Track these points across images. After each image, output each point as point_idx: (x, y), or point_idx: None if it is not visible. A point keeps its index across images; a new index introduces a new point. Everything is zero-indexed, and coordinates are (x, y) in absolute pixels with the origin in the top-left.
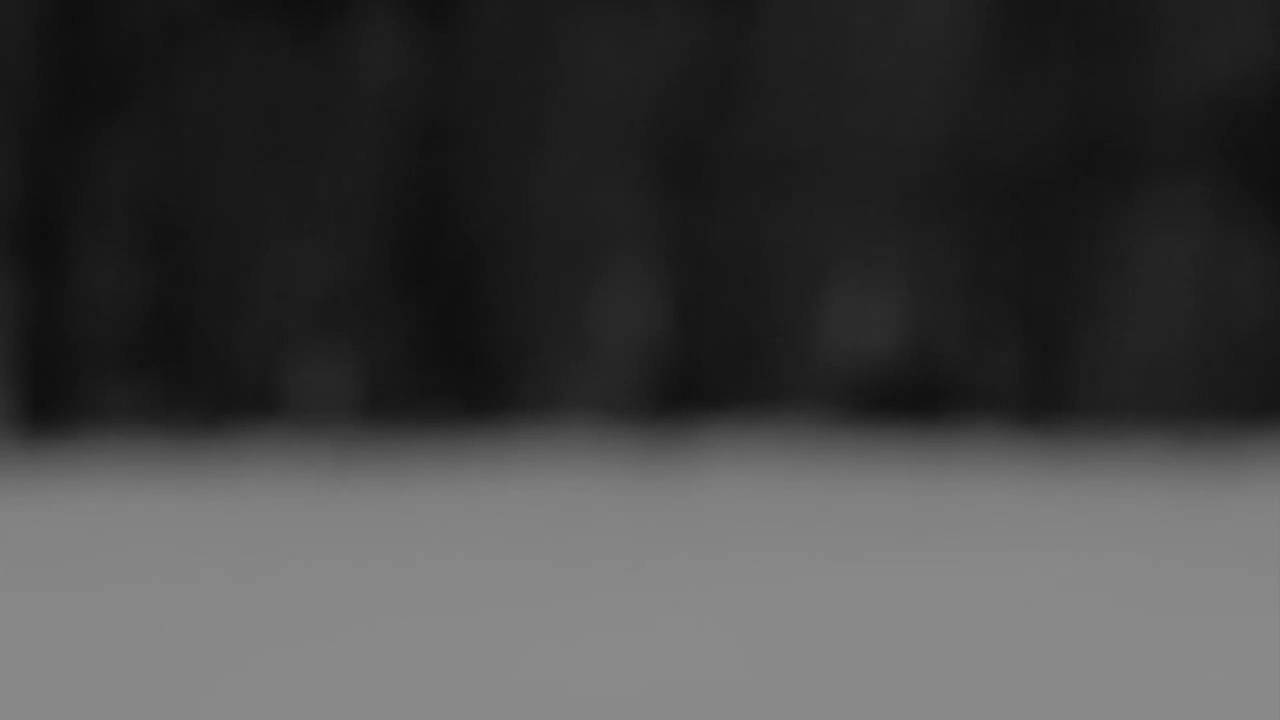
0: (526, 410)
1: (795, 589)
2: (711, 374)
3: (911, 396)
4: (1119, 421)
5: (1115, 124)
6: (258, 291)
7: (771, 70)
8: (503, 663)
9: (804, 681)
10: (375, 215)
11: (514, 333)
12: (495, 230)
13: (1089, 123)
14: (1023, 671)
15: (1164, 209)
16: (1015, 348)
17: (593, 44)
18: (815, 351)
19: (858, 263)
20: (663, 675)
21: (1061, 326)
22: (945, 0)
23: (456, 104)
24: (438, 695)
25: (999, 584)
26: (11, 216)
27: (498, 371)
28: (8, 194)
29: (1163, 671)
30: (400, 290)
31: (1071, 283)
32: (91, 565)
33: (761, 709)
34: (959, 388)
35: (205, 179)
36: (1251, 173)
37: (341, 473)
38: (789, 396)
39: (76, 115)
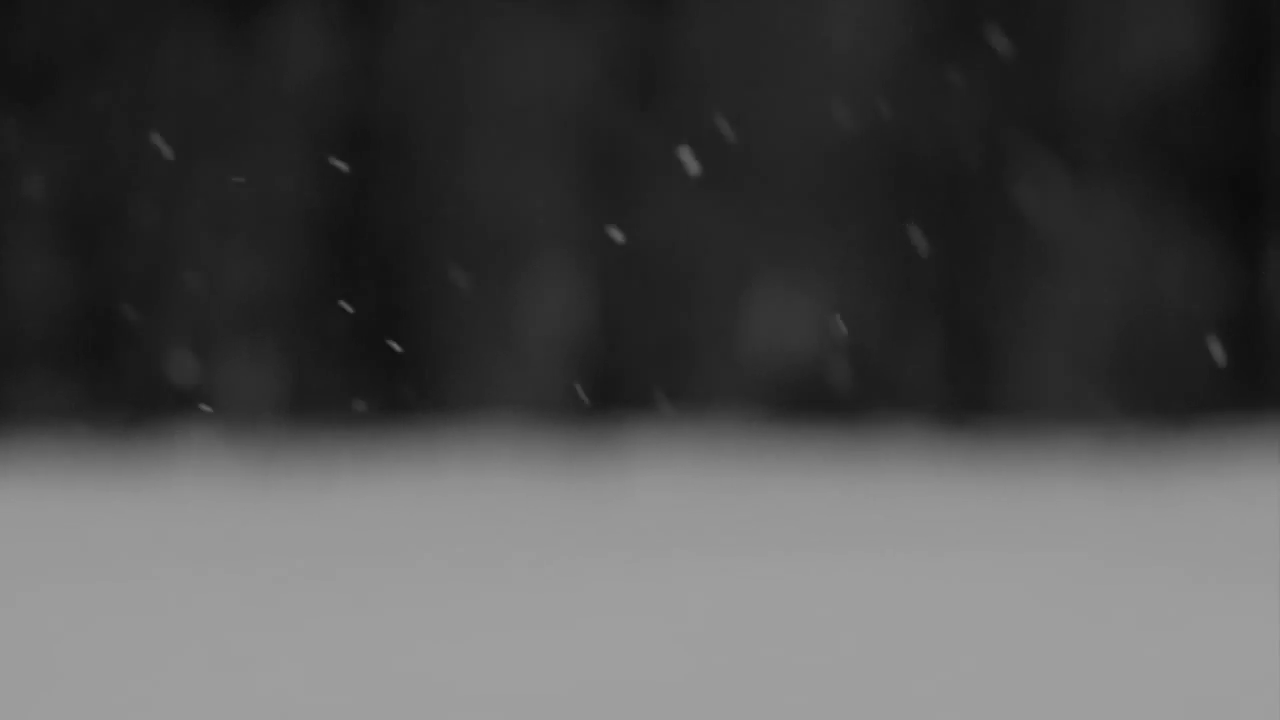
0: (452, 410)
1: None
2: (637, 373)
3: (834, 396)
4: (1041, 422)
5: (1039, 121)
6: (183, 291)
7: (694, 69)
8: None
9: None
10: (299, 215)
11: (439, 333)
12: (420, 230)
13: (1012, 120)
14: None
15: (1088, 207)
16: (937, 348)
17: (517, 43)
18: (740, 351)
19: (781, 262)
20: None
21: (984, 327)
22: (870, 1)
23: (381, 103)
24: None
25: (918, 581)
26: None
27: (423, 371)
28: None
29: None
30: (325, 290)
31: (994, 282)
32: (13, 562)
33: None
34: (881, 387)
35: (130, 177)
36: (1176, 171)
37: (266, 471)
38: (714, 396)
39: None
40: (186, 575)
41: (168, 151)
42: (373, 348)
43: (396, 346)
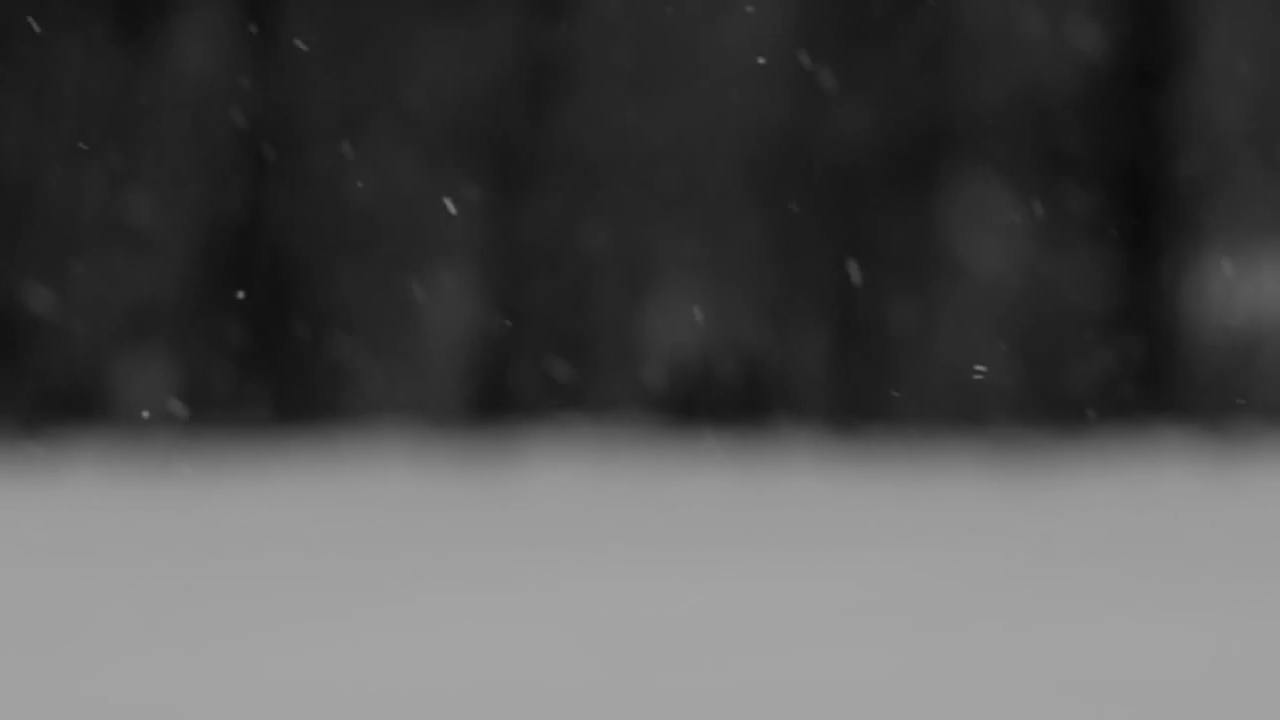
0: (346, 416)
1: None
2: (533, 377)
3: (728, 399)
4: (936, 425)
5: (933, 121)
6: (78, 296)
7: (591, 71)
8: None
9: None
10: (193, 218)
11: (335, 337)
12: (315, 233)
13: (905, 122)
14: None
15: (982, 209)
16: (831, 351)
17: (413, 45)
18: (636, 354)
19: (678, 264)
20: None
21: (877, 329)
22: (763, 1)
23: (275, 105)
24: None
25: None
26: None
27: (317, 377)
28: None
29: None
30: (218, 294)
31: (888, 285)
32: None
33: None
34: (775, 391)
35: (23, 181)
36: (1072, 172)
37: (160, 477)
38: (610, 399)
39: None
40: (77, 577)
41: (61, 155)
42: (268, 353)
43: (291, 351)
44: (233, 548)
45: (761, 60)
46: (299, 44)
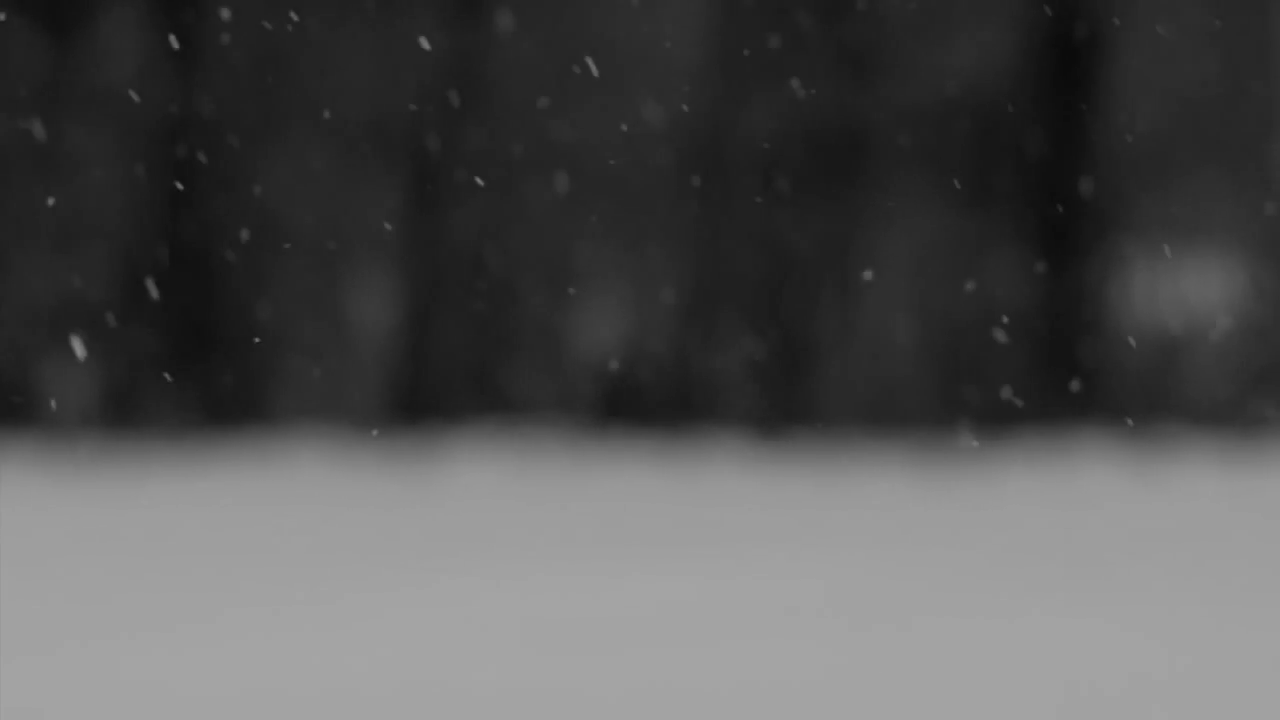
0: (271, 418)
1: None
2: (457, 381)
3: (651, 403)
4: (857, 427)
5: (853, 126)
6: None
7: (514, 77)
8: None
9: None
10: (117, 221)
11: (258, 342)
12: (238, 238)
13: (827, 126)
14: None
15: (902, 212)
16: (750, 354)
17: (337, 51)
18: (559, 358)
19: (601, 270)
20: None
21: (798, 334)
22: (684, 7)
23: (198, 109)
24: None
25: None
26: None
27: (240, 381)
28: None
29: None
30: (141, 299)
31: (809, 289)
32: None
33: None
34: (697, 394)
35: None
36: (992, 178)
37: (81, 479)
38: (533, 402)
39: None
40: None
41: None
42: (192, 355)
43: (216, 353)
44: (153, 547)
45: (681, 63)
46: (220, 48)
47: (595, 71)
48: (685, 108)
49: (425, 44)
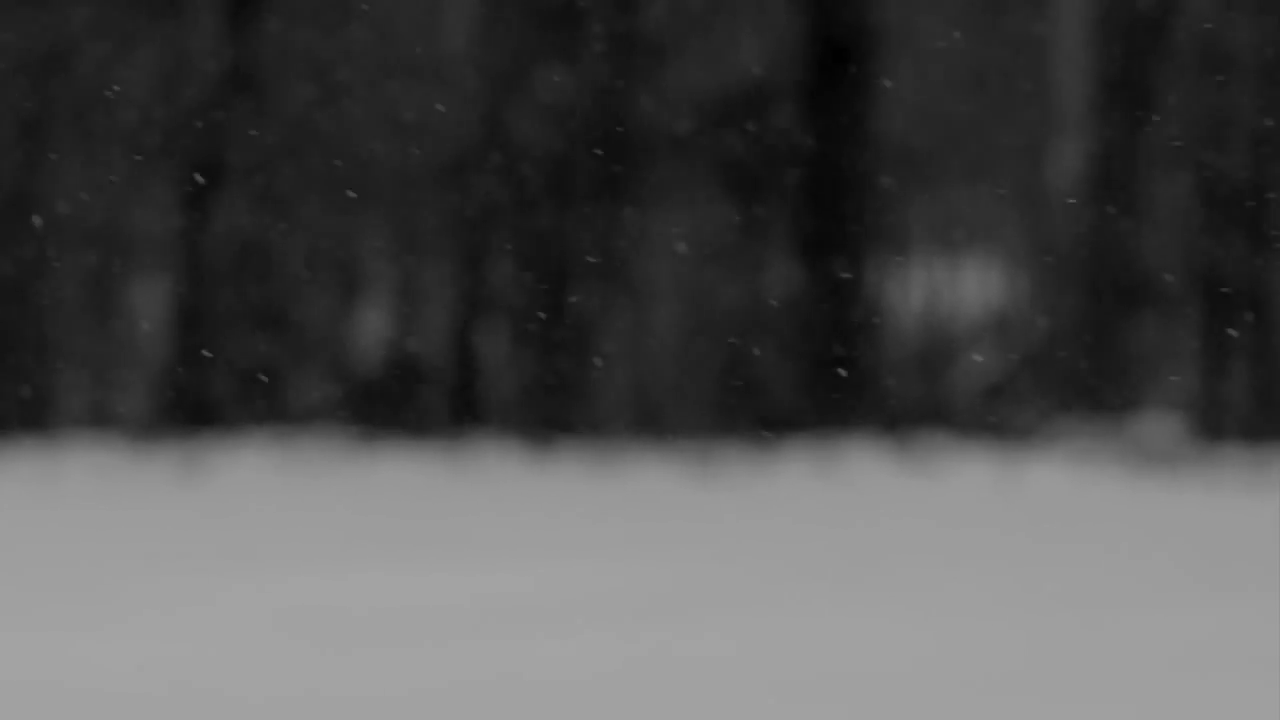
0: (42, 427)
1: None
2: (231, 387)
3: (421, 409)
4: (628, 435)
5: (619, 133)
6: None
7: (294, 72)
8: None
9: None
10: None
11: (29, 350)
12: (10, 245)
13: (590, 131)
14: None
15: (673, 218)
16: (522, 362)
17: (108, 44)
18: (328, 365)
19: (369, 276)
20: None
21: (570, 342)
22: (463, 7)
23: None
24: None
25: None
26: None
27: (11, 389)
28: None
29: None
30: None
31: (584, 298)
32: None
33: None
34: (466, 401)
35: None
36: (763, 182)
37: None
38: (308, 413)
39: None
40: None
41: None
42: None
43: None
44: None
45: (453, 60)
46: None
47: (366, 70)
48: (457, 106)
49: (199, 40)
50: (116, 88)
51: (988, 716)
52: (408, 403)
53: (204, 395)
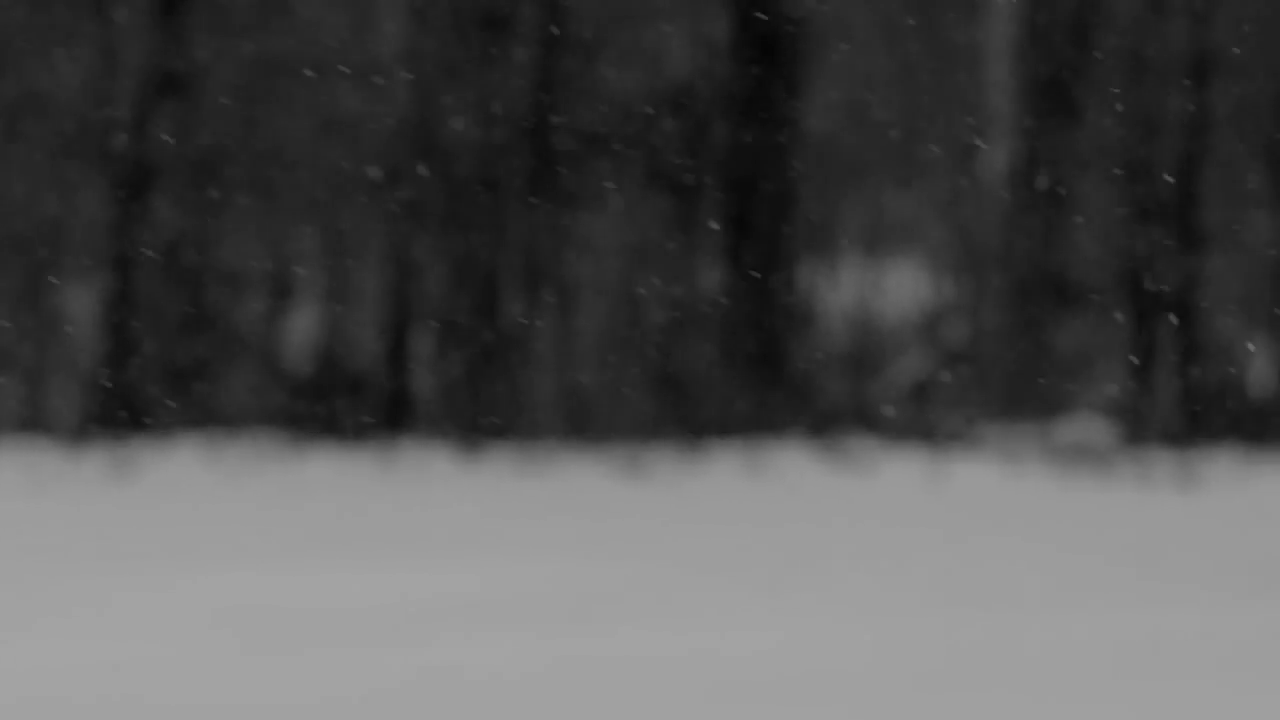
0: None
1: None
2: (159, 388)
3: (354, 413)
4: (560, 439)
5: (549, 138)
6: None
7: (222, 73)
8: None
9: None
10: None
11: None
12: None
13: (520, 139)
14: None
15: (608, 223)
16: (455, 366)
17: (45, 52)
18: (260, 371)
19: (301, 280)
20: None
21: (505, 347)
22: (386, 7)
23: None
24: None
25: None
26: None
27: None
28: None
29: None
30: None
31: (515, 302)
32: None
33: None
34: (400, 405)
35: None
36: (694, 187)
37: None
38: (236, 416)
39: None
40: None
41: None
42: None
43: None
44: None
45: (382, 64)
46: None
47: (296, 73)
48: (387, 109)
49: (130, 41)
50: (46, 88)
51: (924, 713)
52: (339, 404)
53: (135, 397)
